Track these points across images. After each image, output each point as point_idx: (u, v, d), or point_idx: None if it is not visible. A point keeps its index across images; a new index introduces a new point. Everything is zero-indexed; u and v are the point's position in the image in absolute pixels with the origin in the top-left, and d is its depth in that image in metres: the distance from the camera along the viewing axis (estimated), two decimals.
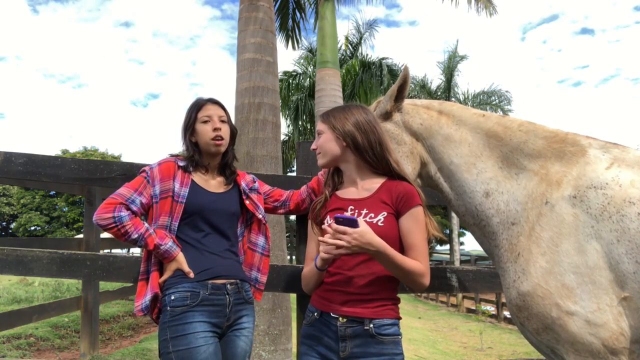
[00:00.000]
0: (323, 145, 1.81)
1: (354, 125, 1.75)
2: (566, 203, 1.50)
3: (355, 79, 18.02)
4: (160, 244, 1.81)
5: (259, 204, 2.07)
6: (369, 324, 1.61)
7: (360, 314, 1.62)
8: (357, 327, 1.62)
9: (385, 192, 1.72)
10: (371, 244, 1.52)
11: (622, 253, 1.38)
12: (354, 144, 1.74)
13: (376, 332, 1.61)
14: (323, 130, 1.82)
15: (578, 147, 1.60)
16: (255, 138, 4.91)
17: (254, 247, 2.05)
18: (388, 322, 1.64)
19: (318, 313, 1.71)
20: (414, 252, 1.65)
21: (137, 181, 1.91)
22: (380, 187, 1.74)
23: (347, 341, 1.62)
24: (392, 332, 1.64)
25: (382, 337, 1.61)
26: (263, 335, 4.34)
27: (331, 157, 1.80)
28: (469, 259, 21.91)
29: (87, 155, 36.77)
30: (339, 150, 1.78)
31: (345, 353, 1.62)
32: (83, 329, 5.33)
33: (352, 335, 1.62)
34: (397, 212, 1.69)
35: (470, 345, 8.84)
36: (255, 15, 5.40)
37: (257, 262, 2.05)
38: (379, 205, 1.69)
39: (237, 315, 1.89)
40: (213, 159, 2.01)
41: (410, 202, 1.68)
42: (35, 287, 10.97)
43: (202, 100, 2.00)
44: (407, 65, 1.86)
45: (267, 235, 2.08)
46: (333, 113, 1.83)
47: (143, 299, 1.84)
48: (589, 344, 1.39)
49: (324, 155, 1.81)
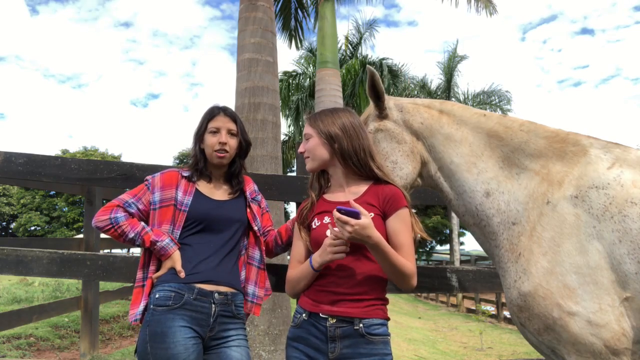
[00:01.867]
0: (312, 150, 1.81)
1: (341, 130, 1.76)
2: (568, 203, 1.49)
3: (356, 79, 18.01)
4: (156, 240, 1.82)
5: (257, 216, 2.06)
6: (358, 323, 1.61)
7: (350, 314, 1.62)
8: (347, 327, 1.62)
9: (371, 195, 1.74)
10: (370, 237, 1.53)
11: (624, 253, 1.38)
12: (340, 149, 1.75)
13: (366, 331, 1.61)
14: (311, 134, 1.82)
15: (579, 147, 1.59)
16: (255, 138, 4.91)
17: (252, 261, 2.03)
18: (377, 322, 1.64)
19: (306, 314, 1.69)
20: (402, 251, 1.66)
21: (138, 188, 1.97)
22: (367, 190, 1.76)
23: (336, 342, 1.62)
24: (382, 332, 1.64)
25: (372, 337, 1.61)
26: (263, 335, 4.34)
27: (320, 162, 1.81)
28: (469, 259, 21.92)
29: (87, 155, 36.76)
30: (328, 154, 1.79)
31: (335, 354, 1.61)
32: (83, 329, 5.33)
33: (341, 336, 1.61)
34: (383, 213, 1.70)
35: (470, 345, 8.83)
36: (255, 15, 5.40)
37: (254, 276, 2.02)
38: (365, 207, 1.67)
39: (223, 328, 1.83)
40: (218, 169, 2.02)
41: (397, 204, 1.70)
42: (35, 287, 10.97)
43: (216, 110, 2.01)
44: (369, 67, 1.87)
45: (261, 249, 2.05)
46: (321, 117, 1.83)
47: (138, 308, 1.83)
48: (591, 345, 1.39)
49: (313, 159, 1.82)
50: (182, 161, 34.27)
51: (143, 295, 1.84)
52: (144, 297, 1.83)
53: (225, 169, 2.04)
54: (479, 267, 2.56)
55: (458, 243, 21.35)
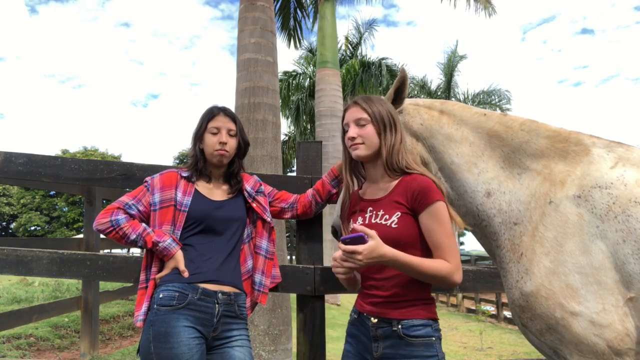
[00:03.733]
0: (370, 137, 1.70)
1: (390, 119, 1.72)
2: (570, 203, 1.48)
3: (355, 78, 18.02)
4: (158, 241, 1.82)
5: (266, 206, 2.08)
6: (397, 324, 1.59)
7: (389, 315, 1.61)
8: (387, 327, 1.61)
9: (400, 191, 1.66)
10: (382, 256, 1.48)
11: (628, 253, 1.37)
12: (387, 140, 1.70)
13: (404, 333, 1.57)
14: (367, 121, 1.71)
15: (581, 146, 1.58)
16: (255, 138, 4.91)
17: (259, 251, 2.06)
18: (418, 323, 1.59)
19: (357, 313, 1.72)
20: (439, 251, 1.59)
21: (138, 190, 1.97)
22: (396, 185, 1.69)
23: (379, 342, 1.62)
24: (424, 333, 1.58)
25: (411, 339, 1.57)
26: (263, 335, 4.34)
27: (374, 150, 1.71)
28: (469, 259, 21.89)
29: (87, 155, 36.78)
30: (379, 146, 1.72)
31: (378, 353, 1.61)
32: (83, 329, 5.32)
33: (383, 336, 1.61)
34: (413, 210, 1.63)
35: (470, 345, 8.83)
36: (255, 15, 5.40)
37: (261, 265, 2.05)
38: (392, 205, 1.65)
39: (226, 328, 1.84)
40: (217, 169, 2.02)
41: (427, 199, 1.59)
42: (35, 287, 10.96)
43: (216, 110, 2.01)
44: (403, 67, 1.83)
45: (271, 239, 2.09)
46: (373, 103, 1.74)
47: (141, 309, 1.83)
48: (594, 345, 1.38)
49: (369, 147, 1.70)
50: (182, 161, 34.28)
51: (146, 296, 1.85)
52: (147, 298, 1.84)
53: (225, 169, 2.04)
54: (479, 267, 2.55)
55: (458, 243, 21.33)
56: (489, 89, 22.54)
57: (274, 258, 2.10)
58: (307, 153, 2.49)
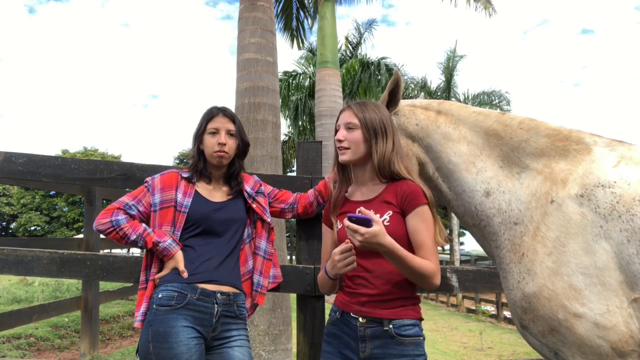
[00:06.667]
0: (357, 142, 1.73)
1: (383, 127, 1.73)
2: (573, 202, 1.47)
3: (355, 78, 18.01)
4: (158, 241, 1.82)
5: (266, 206, 2.08)
6: (388, 324, 1.60)
7: (380, 315, 1.61)
8: (377, 327, 1.61)
9: (390, 192, 1.71)
10: (381, 244, 1.50)
11: (632, 253, 1.35)
12: (378, 147, 1.72)
13: (396, 332, 1.59)
14: (357, 125, 1.74)
15: (583, 145, 1.56)
16: (255, 138, 4.90)
17: (258, 251, 2.06)
18: (408, 323, 1.62)
19: (339, 313, 1.71)
20: (422, 251, 1.64)
21: (138, 190, 1.97)
22: (386, 187, 1.74)
23: (366, 342, 1.61)
24: (413, 333, 1.62)
25: (402, 338, 1.59)
26: (263, 335, 4.34)
27: (360, 156, 1.75)
28: (469, 259, 21.88)
29: (87, 155, 36.78)
30: (365, 151, 1.74)
31: (365, 353, 1.61)
32: (83, 329, 5.32)
33: (371, 336, 1.61)
34: (402, 211, 1.68)
35: (470, 345, 8.82)
36: (255, 15, 5.40)
37: (259, 266, 2.05)
38: (383, 205, 1.68)
39: (225, 328, 1.84)
40: (217, 170, 2.02)
41: (416, 201, 1.66)
42: (35, 287, 10.97)
43: (215, 111, 2.00)
44: (397, 69, 1.84)
45: (270, 239, 2.08)
46: (367, 108, 1.76)
47: (141, 310, 1.83)
48: (597, 347, 1.36)
49: (355, 152, 1.74)
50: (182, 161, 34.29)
51: (145, 297, 1.85)
52: (146, 298, 1.84)
53: (225, 170, 2.04)
54: (479, 267, 2.55)
55: (458, 243, 21.33)
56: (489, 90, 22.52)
57: (272, 258, 2.10)
58: (307, 153, 2.48)
